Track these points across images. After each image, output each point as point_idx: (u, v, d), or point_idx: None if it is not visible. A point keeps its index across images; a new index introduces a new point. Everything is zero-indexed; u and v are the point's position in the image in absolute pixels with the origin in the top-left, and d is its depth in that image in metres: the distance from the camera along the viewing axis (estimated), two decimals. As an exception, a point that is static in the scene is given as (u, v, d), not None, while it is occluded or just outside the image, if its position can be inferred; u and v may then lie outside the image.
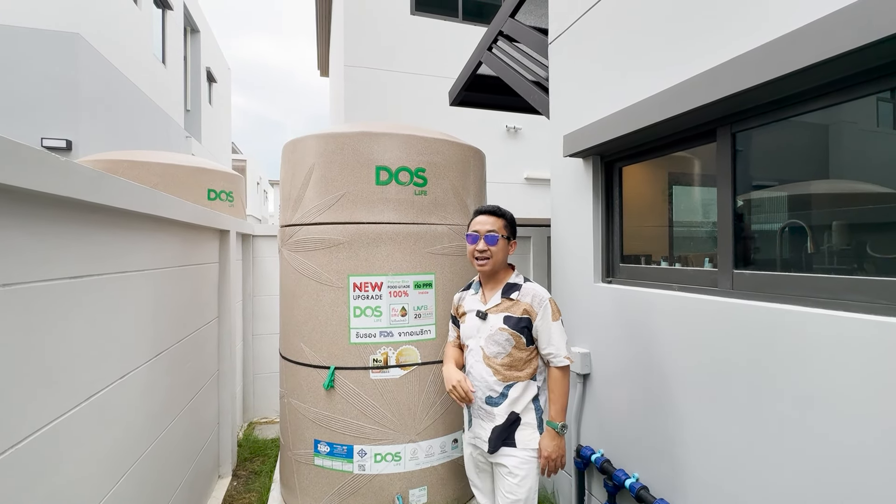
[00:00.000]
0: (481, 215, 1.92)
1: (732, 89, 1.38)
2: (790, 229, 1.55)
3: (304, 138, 2.61)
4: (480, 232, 1.87)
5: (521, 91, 3.10)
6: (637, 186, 2.25)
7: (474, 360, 1.89)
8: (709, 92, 1.46)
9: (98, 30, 6.49)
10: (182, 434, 2.46)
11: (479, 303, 1.90)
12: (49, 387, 1.26)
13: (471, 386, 1.82)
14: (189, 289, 2.59)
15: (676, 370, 1.77)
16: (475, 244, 1.88)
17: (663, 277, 1.93)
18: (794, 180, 1.58)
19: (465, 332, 1.93)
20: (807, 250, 1.53)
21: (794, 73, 1.21)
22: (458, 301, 1.99)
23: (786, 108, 1.43)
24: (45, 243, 1.24)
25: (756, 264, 1.60)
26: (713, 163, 1.71)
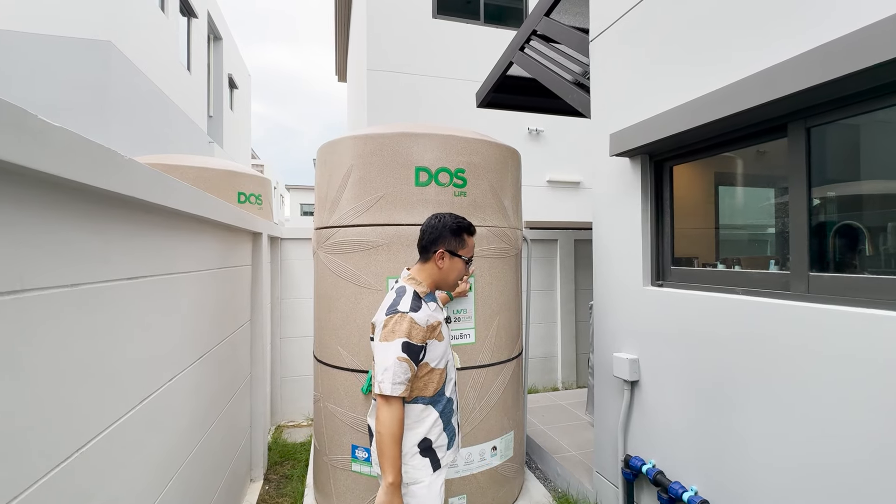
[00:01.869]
0: (473, 237, 1.76)
1: (813, 81, 1.30)
2: (874, 228, 1.46)
3: (342, 139, 2.59)
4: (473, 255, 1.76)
5: (558, 90, 3.04)
6: (688, 186, 2.17)
7: (454, 368, 1.74)
8: (785, 84, 1.38)
9: (128, 37, 6.64)
10: (221, 437, 2.45)
11: (440, 311, 1.72)
12: (111, 389, 1.23)
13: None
14: (227, 291, 2.59)
15: (738, 378, 1.68)
16: (468, 269, 1.75)
17: (723, 280, 1.85)
18: (877, 176, 1.49)
19: (445, 347, 1.66)
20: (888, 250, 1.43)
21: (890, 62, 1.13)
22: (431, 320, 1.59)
23: (871, 101, 1.34)
24: (108, 243, 1.23)
25: (836, 266, 1.50)
26: (778, 160, 1.62)
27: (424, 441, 1.61)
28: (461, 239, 1.70)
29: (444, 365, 1.65)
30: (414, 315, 1.55)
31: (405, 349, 1.50)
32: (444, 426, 1.65)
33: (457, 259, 1.68)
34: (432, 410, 1.63)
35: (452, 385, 1.71)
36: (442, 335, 1.65)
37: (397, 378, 1.48)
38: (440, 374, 1.63)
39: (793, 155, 1.54)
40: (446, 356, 1.67)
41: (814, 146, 1.50)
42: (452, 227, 1.69)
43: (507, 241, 2.64)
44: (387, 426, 1.47)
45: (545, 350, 5.31)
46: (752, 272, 1.73)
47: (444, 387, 1.66)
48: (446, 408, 1.67)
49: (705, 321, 1.83)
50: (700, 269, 1.99)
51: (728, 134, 1.77)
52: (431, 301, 1.68)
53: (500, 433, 2.58)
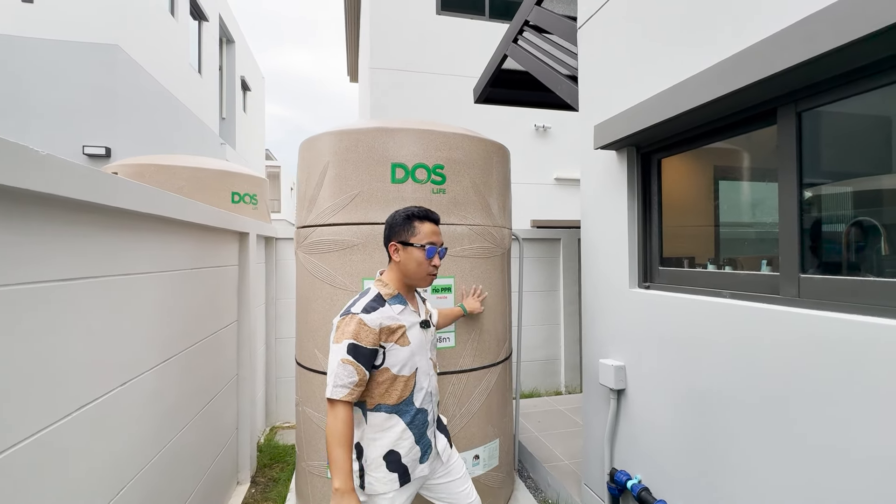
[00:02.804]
0: (435, 224, 1.64)
1: (802, 56, 1.15)
2: (874, 227, 1.29)
3: (320, 136, 2.52)
4: (438, 244, 1.62)
5: (547, 82, 2.90)
6: (678, 181, 2.01)
7: (428, 376, 1.63)
8: (770, 63, 1.23)
9: (137, 41, 6.75)
10: (196, 440, 2.40)
11: (414, 314, 1.63)
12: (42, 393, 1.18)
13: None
14: (204, 291, 2.54)
15: (727, 390, 1.53)
16: (432, 258, 1.59)
17: (711, 282, 1.69)
18: (877, 169, 1.32)
19: (411, 353, 1.55)
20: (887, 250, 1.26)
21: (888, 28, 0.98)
22: (382, 323, 1.50)
23: (870, 79, 1.18)
24: (40, 244, 1.17)
25: (829, 268, 1.34)
26: (772, 150, 1.47)
27: (392, 454, 1.53)
28: (410, 226, 1.60)
29: (408, 372, 1.56)
30: (364, 316, 1.48)
31: (350, 351, 1.45)
32: (417, 439, 1.57)
33: (410, 248, 1.58)
34: (398, 420, 1.55)
35: (424, 395, 1.60)
36: (407, 340, 1.55)
37: (339, 381, 1.43)
38: (405, 382, 1.55)
39: (782, 143, 1.38)
40: (414, 363, 1.57)
41: (806, 133, 1.35)
42: (400, 218, 1.62)
43: (491, 241, 2.53)
44: (330, 430, 1.42)
45: (548, 353, 5.15)
46: (741, 274, 1.57)
47: (411, 395, 1.57)
48: (416, 419, 1.57)
49: (691, 327, 1.68)
50: (687, 271, 1.84)
51: (714, 122, 1.62)
52: (398, 304, 1.59)
53: (482, 441, 2.47)
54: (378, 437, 1.54)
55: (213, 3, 10.21)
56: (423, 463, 1.58)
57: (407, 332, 1.56)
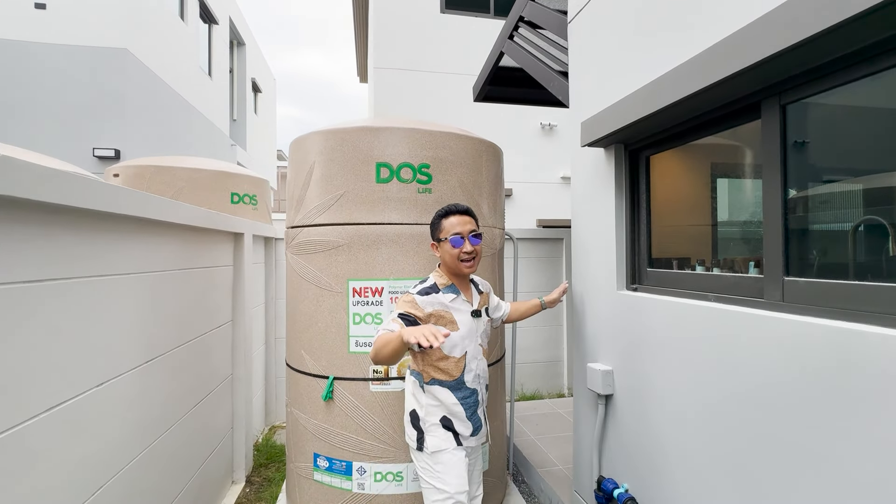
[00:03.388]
0: (460, 215, 1.85)
1: (783, 44, 1.07)
2: (863, 228, 1.21)
3: (308, 135, 2.50)
4: (464, 233, 1.82)
5: (541, 79, 2.84)
6: (667, 179, 1.94)
7: (477, 360, 1.85)
8: (749, 52, 1.16)
9: (147, 45, 6.87)
10: (185, 440, 2.41)
11: (466, 304, 1.86)
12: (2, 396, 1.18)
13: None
14: (194, 292, 2.55)
15: (713, 397, 1.46)
16: (461, 246, 1.80)
17: (697, 285, 1.62)
18: (865, 166, 1.24)
19: (460, 338, 1.78)
20: (887, 253, 1.18)
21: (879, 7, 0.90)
22: (433, 307, 1.75)
23: (858, 66, 1.10)
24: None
25: (815, 271, 1.26)
26: (758, 146, 1.39)
27: (445, 419, 1.77)
28: (438, 224, 1.86)
29: (458, 354, 1.78)
30: (417, 297, 1.76)
31: (401, 316, 1.69)
32: (468, 413, 1.79)
33: (441, 243, 1.84)
34: (450, 394, 1.78)
35: (473, 376, 1.81)
36: (457, 326, 1.78)
37: (386, 326, 1.67)
38: (455, 363, 1.77)
39: (766, 138, 1.30)
40: (464, 346, 1.79)
41: (791, 128, 1.27)
42: (433, 220, 1.90)
43: (480, 241, 2.48)
44: (378, 346, 1.59)
45: (550, 354, 5.07)
46: (726, 276, 1.50)
47: (462, 375, 1.79)
48: (469, 397, 1.79)
49: (678, 331, 1.61)
50: (674, 273, 1.76)
51: (698, 117, 1.55)
52: (450, 293, 1.82)
53: (471, 445, 2.42)
54: (434, 406, 1.78)
55: (223, 6, 10.35)
56: (473, 436, 1.80)
57: (457, 318, 1.79)
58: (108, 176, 3.87)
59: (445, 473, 1.70)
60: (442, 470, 1.71)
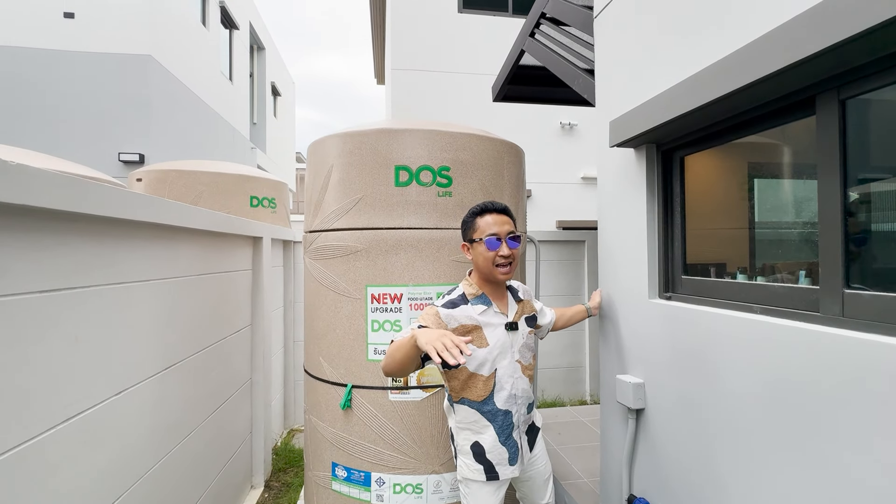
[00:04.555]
0: (497, 214, 1.64)
1: (847, 33, 0.97)
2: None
3: (326, 138, 2.46)
4: (501, 234, 1.62)
5: (564, 77, 2.74)
6: (703, 181, 1.82)
7: (513, 378, 1.64)
8: (804, 43, 1.05)
9: (170, 51, 6.99)
10: (204, 445, 2.40)
11: (499, 315, 1.66)
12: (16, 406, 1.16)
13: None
14: (213, 297, 2.54)
15: (757, 420, 1.34)
16: (497, 249, 1.60)
17: (739, 295, 1.50)
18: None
19: (491, 354, 1.59)
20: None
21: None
22: (458, 321, 1.58)
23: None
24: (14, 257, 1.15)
25: (881, 283, 1.14)
26: (811, 144, 1.27)
27: (476, 446, 1.63)
28: (472, 223, 1.67)
29: (487, 372, 1.60)
30: (441, 310, 1.60)
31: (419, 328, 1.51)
32: (501, 439, 1.62)
33: (475, 244, 1.65)
34: (479, 416, 1.62)
35: (507, 396, 1.62)
36: (486, 341, 1.60)
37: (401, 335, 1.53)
38: (484, 381, 1.60)
39: (822, 136, 1.19)
40: (493, 364, 1.61)
41: (851, 124, 1.15)
42: (465, 218, 1.71)
43: (502, 246, 2.39)
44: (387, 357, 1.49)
45: (571, 360, 4.94)
46: (774, 286, 1.38)
47: (492, 395, 1.60)
48: (502, 421, 1.62)
49: (716, 346, 1.50)
50: (713, 281, 1.65)
51: (741, 115, 1.43)
52: (480, 304, 1.64)
53: (492, 457, 2.33)
54: (463, 428, 1.65)
55: (243, 11, 10.51)
56: (512, 465, 1.63)
57: (486, 333, 1.60)
58: (132, 180, 3.92)
59: (472, 499, 1.64)
60: (468, 494, 1.66)
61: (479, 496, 1.62)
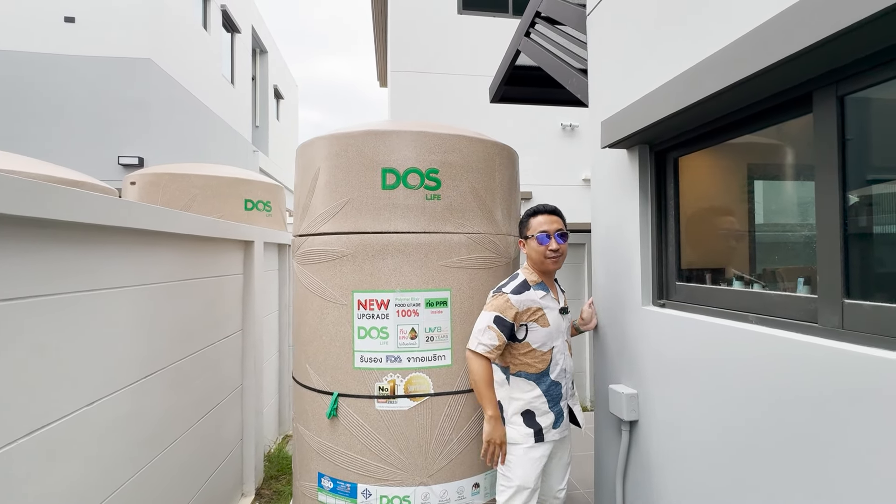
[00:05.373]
0: (547, 214, 1.94)
1: (844, 23, 0.89)
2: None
3: (313, 140, 2.41)
4: (550, 231, 1.90)
5: (558, 76, 2.67)
6: (698, 183, 1.75)
7: (563, 355, 1.93)
8: (803, 36, 0.98)
9: (170, 55, 7.00)
10: (189, 454, 2.35)
11: (554, 301, 1.95)
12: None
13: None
14: (199, 302, 2.49)
15: (753, 436, 1.26)
16: (546, 244, 1.89)
17: (734, 303, 1.42)
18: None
19: (549, 334, 1.88)
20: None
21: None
22: (526, 305, 1.85)
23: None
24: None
25: (883, 293, 1.06)
26: (809, 143, 1.20)
27: (528, 413, 1.87)
28: (526, 222, 1.98)
29: (546, 349, 1.87)
30: (511, 297, 1.84)
31: (496, 321, 1.82)
32: (551, 405, 1.88)
33: (528, 240, 1.95)
34: (535, 386, 1.87)
35: (559, 370, 1.91)
36: (547, 322, 1.87)
37: (483, 340, 1.82)
38: (542, 356, 1.86)
39: (820, 135, 1.11)
40: (551, 342, 1.88)
41: (850, 122, 1.07)
42: (520, 221, 2.03)
43: (493, 250, 2.33)
44: (476, 374, 1.82)
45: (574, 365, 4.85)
46: (770, 294, 1.30)
47: (548, 368, 1.88)
48: (551, 389, 1.88)
49: (711, 356, 1.42)
50: (707, 288, 1.57)
51: (735, 113, 1.36)
52: (541, 290, 1.92)
53: (483, 468, 2.26)
54: (518, 398, 1.87)
55: (245, 15, 10.54)
56: (556, 428, 1.89)
57: (546, 314, 1.87)
58: (126, 184, 3.90)
59: (514, 465, 1.84)
60: (511, 461, 1.85)
61: (525, 461, 1.84)
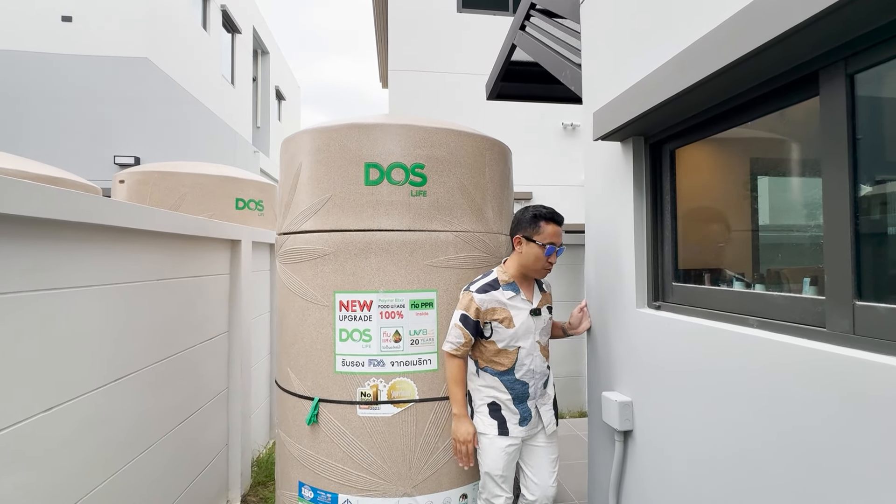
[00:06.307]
0: (558, 226, 1.89)
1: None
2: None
3: (296, 134, 2.33)
4: (557, 244, 1.87)
5: (552, 69, 2.57)
6: (696, 177, 1.64)
7: (531, 356, 1.90)
8: (807, 5, 0.88)
9: (168, 54, 6.97)
10: (167, 459, 2.26)
11: (525, 302, 1.91)
12: None
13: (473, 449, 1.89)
14: (179, 303, 2.40)
15: (751, 450, 1.15)
16: (549, 256, 1.86)
17: (735, 305, 1.31)
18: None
19: (516, 334, 1.86)
20: None
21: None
22: (489, 304, 1.84)
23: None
24: None
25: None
26: (815, 130, 1.09)
27: (493, 404, 1.89)
28: (536, 225, 1.87)
29: (511, 349, 1.87)
30: (476, 296, 1.85)
31: (461, 319, 1.86)
32: (515, 402, 1.88)
33: (532, 244, 1.86)
34: (499, 382, 1.89)
35: (526, 370, 1.88)
36: (512, 323, 1.85)
37: (451, 339, 1.88)
38: (508, 356, 1.87)
39: (827, 120, 1.00)
40: (518, 342, 1.86)
41: (861, 105, 0.96)
42: (530, 215, 1.90)
43: (482, 249, 2.23)
44: (449, 374, 1.90)
45: (571, 368, 4.73)
46: (774, 296, 1.19)
47: (513, 368, 1.87)
48: (516, 386, 1.87)
49: (709, 362, 1.31)
50: (704, 289, 1.46)
51: (734, 98, 1.25)
52: (510, 290, 1.88)
53: (471, 478, 2.16)
54: (483, 389, 1.92)
55: (246, 15, 10.52)
56: (522, 426, 1.87)
57: (513, 315, 1.86)
58: (115, 183, 3.84)
59: (483, 452, 1.88)
60: (481, 448, 1.88)
61: (491, 450, 1.85)
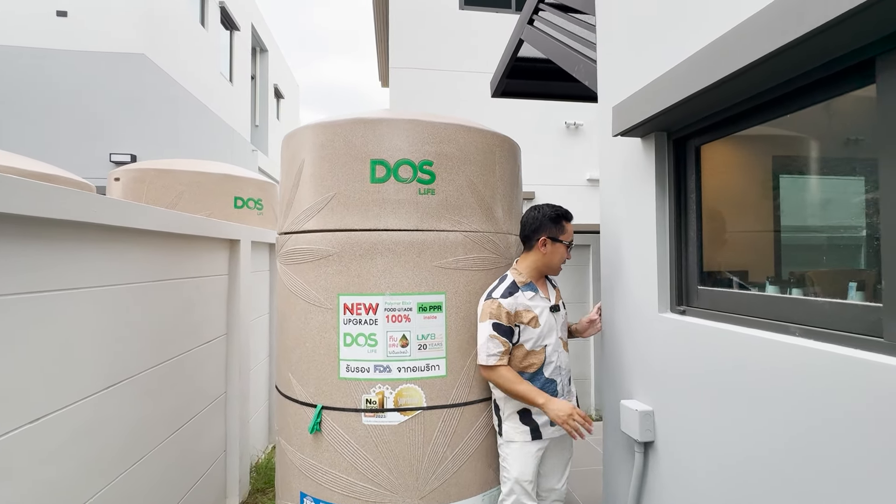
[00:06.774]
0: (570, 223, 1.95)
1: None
2: None
3: (298, 130, 2.23)
4: (572, 242, 1.94)
5: (564, 64, 2.48)
6: (725, 173, 1.55)
7: (557, 353, 1.91)
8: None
9: (165, 51, 6.85)
10: (164, 467, 2.16)
11: (544, 300, 1.93)
12: None
13: None
14: (176, 305, 2.31)
15: (791, 470, 1.07)
16: (567, 253, 1.95)
17: (771, 311, 1.23)
18: None
19: (542, 333, 1.87)
20: None
21: None
22: (517, 307, 1.83)
23: None
24: None
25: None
26: (864, 121, 1.00)
27: (525, 411, 1.87)
28: (560, 225, 1.92)
29: (539, 348, 1.87)
30: (502, 301, 1.83)
31: (495, 328, 1.82)
32: None
33: (558, 244, 1.91)
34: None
35: (553, 368, 1.89)
36: (538, 322, 1.86)
37: (490, 351, 1.82)
38: (537, 356, 1.87)
39: (886, 110, 0.92)
40: (544, 340, 1.87)
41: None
42: (551, 216, 1.91)
43: (492, 250, 2.14)
44: (503, 386, 1.83)
45: (576, 371, 4.64)
46: (820, 301, 1.10)
47: (542, 367, 1.87)
48: (546, 386, 1.86)
49: (742, 373, 1.22)
50: (736, 294, 1.37)
51: (774, 90, 1.16)
52: (529, 291, 1.90)
53: (481, 489, 2.07)
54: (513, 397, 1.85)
55: (244, 12, 10.41)
56: (552, 427, 1.85)
57: (537, 315, 1.86)
58: (110, 180, 3.74)
59: (512, 460, 1.85)
60: (509, 455, 1.87)
61: (520, 455, 1.84)
